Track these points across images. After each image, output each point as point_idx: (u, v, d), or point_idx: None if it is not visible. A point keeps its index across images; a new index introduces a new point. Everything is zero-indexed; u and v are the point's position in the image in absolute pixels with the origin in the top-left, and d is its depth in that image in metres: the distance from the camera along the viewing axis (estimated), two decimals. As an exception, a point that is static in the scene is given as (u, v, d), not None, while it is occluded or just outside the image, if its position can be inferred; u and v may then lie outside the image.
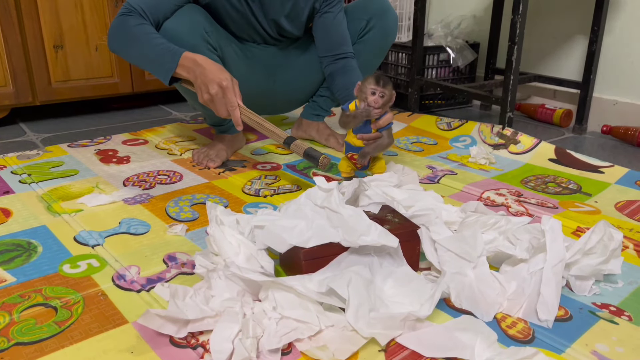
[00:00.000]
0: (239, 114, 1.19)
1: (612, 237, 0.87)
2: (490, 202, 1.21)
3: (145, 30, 1.24)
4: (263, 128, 1.24)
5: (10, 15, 1.73)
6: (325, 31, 1.45)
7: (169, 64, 1.20)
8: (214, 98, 1.17)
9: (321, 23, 1.45)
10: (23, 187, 1.28)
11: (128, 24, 1.24)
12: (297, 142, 1.23)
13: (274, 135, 1.24)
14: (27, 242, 1.01)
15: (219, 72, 1.17)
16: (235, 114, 1.18)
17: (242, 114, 1.20)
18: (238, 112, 1.18)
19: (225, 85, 1.16)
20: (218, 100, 1.17)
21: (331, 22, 1.44)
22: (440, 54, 2.15)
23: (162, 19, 1.29)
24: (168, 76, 1.22)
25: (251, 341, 0.70)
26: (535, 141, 1.56)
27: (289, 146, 1.24)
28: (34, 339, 0.73)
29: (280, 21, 1.40)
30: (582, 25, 1.93)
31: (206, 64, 1.17)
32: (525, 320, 0.78)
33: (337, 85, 1.45)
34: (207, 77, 1.16)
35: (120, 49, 1.29)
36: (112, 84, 1.98)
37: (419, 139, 1.70)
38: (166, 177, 1.35)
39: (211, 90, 1.16)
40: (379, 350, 0.72)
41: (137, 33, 1.24)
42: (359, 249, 0.83)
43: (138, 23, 1.24)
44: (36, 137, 1.76)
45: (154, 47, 1.22)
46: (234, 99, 1.17)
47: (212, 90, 1.16)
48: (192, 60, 1.18)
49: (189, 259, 0.94)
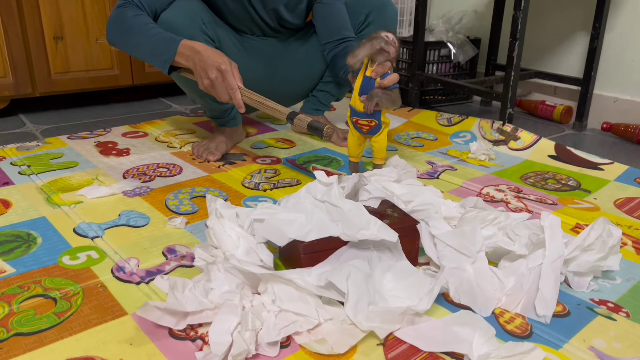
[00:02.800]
0: (240, 96, 1.18)
1: (611, 233, 0.87)
2: (490, 197, 1.21)
3: (142, 20, 1.24)
4: (265, 107, 1.22)
5: (10, 6, 1.72)
6: (326, 18, 1.45)
7: (167, 53, 1.20)
8: (214, 82, 1.16)
9: (321, 10, 1.45)
10: (22, 178, 1.27)
11: (125, 16, 1.24)
12: (301, 115, 1.22)
13: (276, 112, 1.23)
14: (27, 234, 1.01)
15: (217, 57, 1.16)
16: (237, 96, 1.17)
17: (243, 95, 1.19)
18: (239, 94, 1.17)
19: (224, 69, 1.15)
20: (218, 84, 1.16)
21: (330, 9, 1.44)
22: (441, 50, 2.15)
23: (160, 10, 1.29)
24: (167, 65, 1.21)
25: (250, 334, 0.70)
26: (535, 137, 1.56)
27: (292, 121, 1.23)
28: (33, 329, 0.73)
29: (280, 10, 1.40)
30: (583, 22, 1.92)
31: (204, 50, 1.17)
32: (523, 316, 0.79)
33: (340, 65, 1.44)
34: (206, 63, 1.15)
35: (118, 40, 1.29)
36: (112, 76, 1.98)
37: (419, 134, 1.70)
38: (166, 169, 1.35)
39: (210, 74, 1.15)
40: (378, 344, 0.72)
41: (134, 24, 1.23)
42: (358, 243, 0.83)
43: (135, 14, 1.24)
44: (36, 129, 1.75)
45: (151, 37, 1.22)
46: (234, 81, 1.16)
47: (212, 74, 1.15)
48: (190, 47, 1.18)
49: (188, 252, 0.95)
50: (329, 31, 1.45)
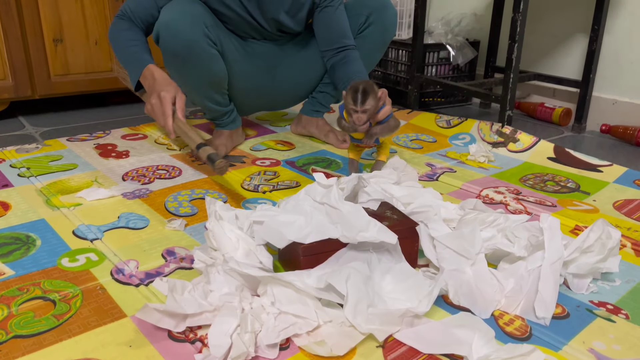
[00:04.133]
0: (170, 123, 1.22)
1: (610, 235, 0.87)
2: (489, 199, 1.21)
3: (127, 36, 1.34)
4: (186, 136, 1.23)
5: (10, 8, 1.72)
6: (326, 25, 1.45)
7: (134, 74, 1.32)
8: (153, 107, 1.24)
9: (322, 17, 1.45)
10: (22, 180, 1.27)
11: (117, 28, 1.36)
12: (207, 147, 1.19)
13: (190, 142, 1.22)
14: (26, 236, 1.01)
15: (164, 85, 1.25)
16: (168, 123, 1.22)
17: (175, 123, 1.23)
18: (170, 121, 1.22)
19: (163, 96, 1.22)
20: (157, 109, 1.23)
21: (331, 16, 1.44)
22: (440, 52, 2.15)
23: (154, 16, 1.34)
24: (134, 84, 1.34)
25: (249, 336, 0.70)
26: (534, 139, 1.56)
27: (198, 151, 1.19)
28: (32, 332, 0.73)
29: (280, 18, 1.40)
30: (582, 24, 1.93)
31: (159, 77, 1.26)
32: (522, 318, 0.79)
33: (338, 76, 1.44)
34: (154, 89, 1.25)
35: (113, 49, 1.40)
36: (112, 78, 1.98)
37: (418, 136, 1.70)
38: (165, 172, 1.35)
39: (152, 100, 1.24)
40: (377, 346, 0.72)
41: (120, 38, 1.35)
42: (357, 245, 0.83)
43: (125, 28, 1.35)
44: (35, 131, 1.75)
45: (129, 55, 1.33)
46: (169, 109, 1.22)
47: (153, 100, 1.24)
48: (150, 73, 1.28)
49: (187, 254, 0.95)
50: (329, 39, 1.46)
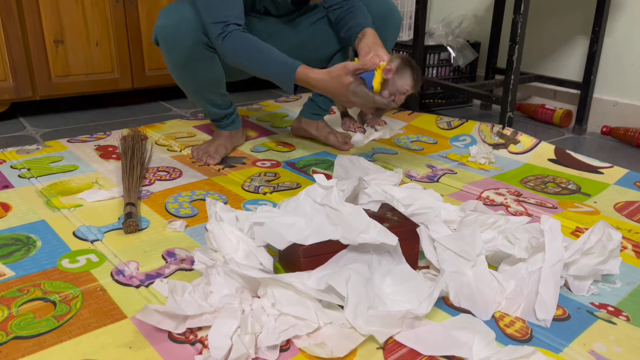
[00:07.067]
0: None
1: (611, 237, 0.87)
2: (490, 201, 1.21)
3: (264, 45, 1.25)
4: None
5: (11, 9, 1.72)
6: None
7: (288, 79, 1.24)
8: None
9: None
10: (22, 181, 1.27)
11: (250, 38, 1.25)
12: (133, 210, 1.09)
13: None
14: (26, 237, 1.01)
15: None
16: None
17: None
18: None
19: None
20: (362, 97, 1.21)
21: None
22: (441, 53, 2.15)
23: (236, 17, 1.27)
24: (291, 89, 1.26)
25: (249, 337, 0.70)
26: (535, 141, 1.56)
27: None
28: (32, 333, 0.73)
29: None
30: (583, 25, 1.93)
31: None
32: (523, 320, 0.79)
33: (345, 26, 1.39)
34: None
35: (241, 60, 1.28)
36: (112, 79, 1.98)
37: (419, 137, 1.70)
38: (166, 173, 1.35)
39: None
40: (377, 348, 0.72)
41: (259, 47, 1.25)
42: (358, 247, 0.83)
43: (250, 38, 1.25)
44: (36, 132, 1.75)
45: (273, 60, 1.25)
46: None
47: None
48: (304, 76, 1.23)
49: (188, 255, 0.95)
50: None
